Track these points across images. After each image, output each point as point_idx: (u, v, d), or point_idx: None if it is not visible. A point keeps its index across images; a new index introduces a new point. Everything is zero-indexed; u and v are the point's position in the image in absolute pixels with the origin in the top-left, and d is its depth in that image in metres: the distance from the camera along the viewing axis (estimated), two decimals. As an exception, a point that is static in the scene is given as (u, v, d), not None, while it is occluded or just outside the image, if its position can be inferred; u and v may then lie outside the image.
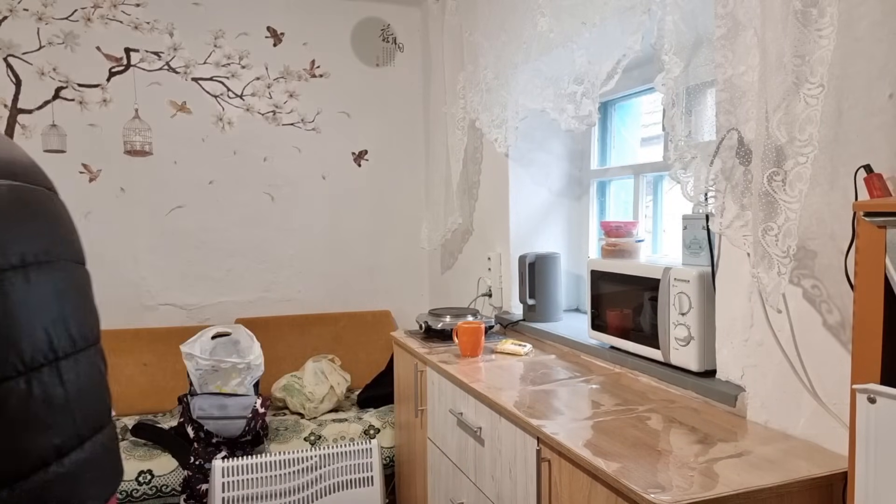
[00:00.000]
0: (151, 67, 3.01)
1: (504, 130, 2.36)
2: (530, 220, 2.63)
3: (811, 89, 1.12)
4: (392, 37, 3.41)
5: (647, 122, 2.41)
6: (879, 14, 1.11)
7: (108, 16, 2.94)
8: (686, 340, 1.58)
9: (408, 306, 3.53)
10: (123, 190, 3.01)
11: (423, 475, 2.27)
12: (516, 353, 2.09)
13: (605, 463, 1.18)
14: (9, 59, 2.82)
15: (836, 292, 1.22)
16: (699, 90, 1.44)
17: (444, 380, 1.99)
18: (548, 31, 1.97)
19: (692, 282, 1.56)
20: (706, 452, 1.23)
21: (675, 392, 1.63)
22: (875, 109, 1.12)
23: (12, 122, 2.84)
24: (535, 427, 1.41)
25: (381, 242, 3.47)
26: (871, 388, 0.88)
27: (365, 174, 3.41)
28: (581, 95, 1.84)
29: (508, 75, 2.29)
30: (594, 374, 1.83)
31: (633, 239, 1.95)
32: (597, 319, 1.96)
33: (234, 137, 3.15)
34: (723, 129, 1.36)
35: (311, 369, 2.88)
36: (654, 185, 2.26)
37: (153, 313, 3.08)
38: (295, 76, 3.23)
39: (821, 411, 1.27)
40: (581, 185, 2.66)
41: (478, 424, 1.74)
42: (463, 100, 2.69)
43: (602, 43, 1.73)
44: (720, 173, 1.39)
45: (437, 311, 2.44)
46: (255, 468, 2.40)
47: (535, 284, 2.39)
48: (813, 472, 1.15)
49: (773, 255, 1.19)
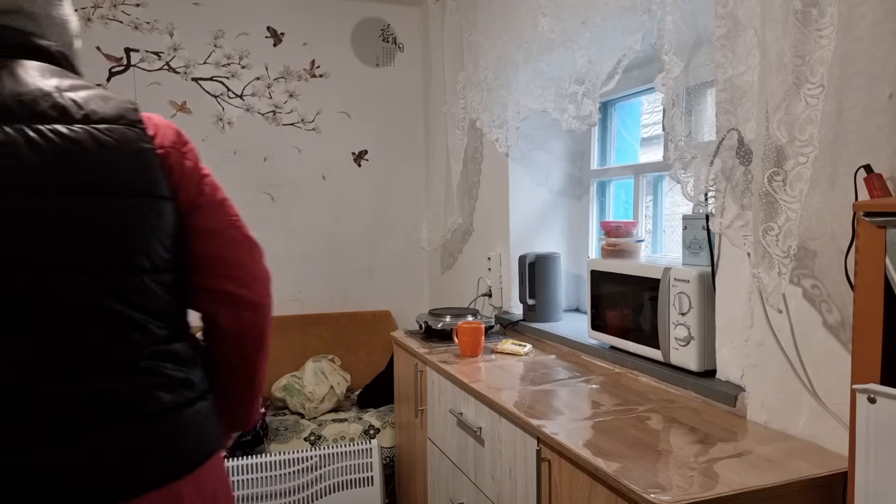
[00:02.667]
0: (151, 67, 3.01)
1: (505, 130, 2.36)
2: (530, 220, 2.63)
3: (811, 89, 1.12)
4: (392, 37, 3.42)
5: (647, 122, 2.41)
6: (879, 14, 1.11)
7: (108, 16, 2.94)
8: (686, 340, 1.58)
9: (408, 306, 3.53)
10: (123, 190, 3.01)
11: (423, 475, 2.27)
12: (516, 353, 2.09)
13: (605, 463, 1.18)
14: (9, 59, 2.82)
15: (836, 292, 1.22)
16: (699, 90, 1.44)
17: (444, 380, 1.99)
18: (548, 31, 1.97)
19: (692, 282, 1.57)
20: (706, 452, 1.23)
21: (675, 392, 1.63)
22: (875, 109, 1.12)
23: (12, 122, 2.84)
24: (535, 427, 1.41)
25: (381, 242, 3.47)
26: (871, 388, 0.89)
27: (365, 174, 3.41)
28: (582, 95, 1.84)
29: (509, 75, 2.29)
30: (594, 374, 1.83)
31: (633, 239, 1.96)
32: (597, 319, 1.96)
33: (234, 137, 3.15)
34: (723, 129, 1.36)
35: (311, 369, 2.88)
36: (654, 185, 2.26)
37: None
38: (295, 76, 3.23)
39: (821, 411, 1.27)
40: (581, 185, 2.66)
41: (478, 424, 1.74)
42: (463, 100, 2.69)
43: (603, 43, 1.73)
44: (720, 173, 1.39)
45: (437, 311, 2.44)
46: (255, 468, 2.40)
47: (535, 284, 2.39)
48: (813, 472, 1.15)
49: (774, 255, 1.19)
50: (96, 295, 0.88)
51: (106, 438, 0.87)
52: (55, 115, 0.89)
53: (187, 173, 1.00)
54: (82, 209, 0.88)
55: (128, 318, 0.91)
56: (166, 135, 0.99)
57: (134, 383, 0.90)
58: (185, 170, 1.00)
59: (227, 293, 1.03)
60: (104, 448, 0.87)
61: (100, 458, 0.86)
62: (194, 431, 0.97)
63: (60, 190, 0.87)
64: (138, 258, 0.92)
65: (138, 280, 0.93)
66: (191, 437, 0.96)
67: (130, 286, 0.92)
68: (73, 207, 0.87)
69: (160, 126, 0.99)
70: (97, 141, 0.90)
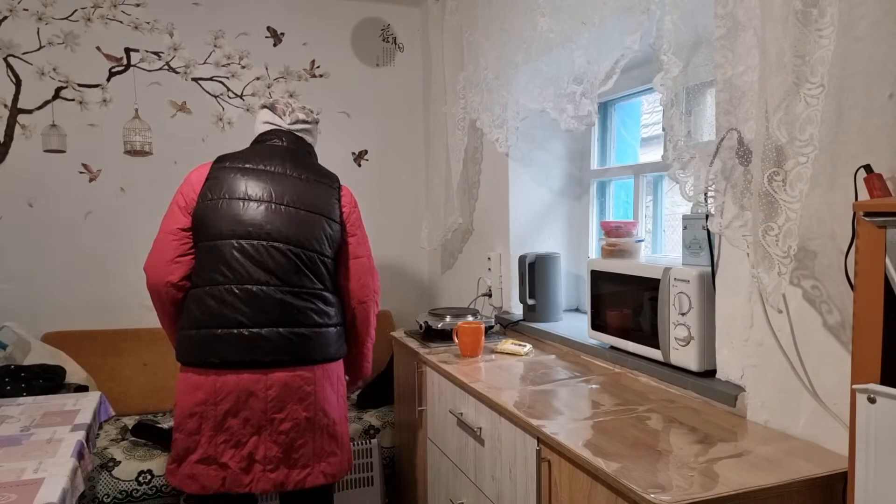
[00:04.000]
0: (151, 67, 3.01)
1: (504, 130, 2.36)
2: (530, 220, 2.63)
3: (811, 89, 1.12)
4: (392, 37, 3.42)
5: (646, 122, 2.41)
6: (879, 14, 1.11)
7: (108, 16, 2.94)
8: (686, 340, 1.58)
9: (408, 306, 3.53)
10: (123, 190, 3.01)
11: (423, 475, 2.27)
12: (516, 353, 2.09)
13: (605, 463, 1.18)
14: (9, 59, 2.82)
15: (836, 292, 1.22)
16: (699, 90, 1.44)
17: (444, 380, 1.99)
18: (548, 30, 1.97)
19: (692, 282, 1.56)
20: (706, 452, 1.23)
21: (675, 392, 1.63)
22: (875, 109, 1.12)
23: (12, 122, 2.84)
24: (535, 427, 1.41)
25: (381, 242, 3.47)
26: (871, 388, 0.89)
27: (365, 174, 3.41)
28: (580, 95, 1.84)
29: (509, 75, 2.29)
30: (594, 374, 1.83)
31: (633, 239, 1.95)
32: (597, 319, 1.96)
33: (235, 137, 3.15)
34: (722, 129, 1.36)
35: (311, 369, 2.87)
36: (654, 185, 2.26)
37: (153, 313, 3.06)
38: (295, 76, 3.23)
39: (821, 411, 1.27)
40: (581, 185, 2.66)
41: (478, 424, 1.74)
42: (463, 100, 2.69)
43: (601, 43, 1.73)
44: (720, 173, 1.39)
45: (437, 311, 2.44)
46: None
47: (535, 284, 2.39)
48: (813, 472, 1.15)
49: (774, 255, 1.19)
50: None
51: (290, 332, 1.84)
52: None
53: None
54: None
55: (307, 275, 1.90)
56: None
57: (302, 306, 1.87)
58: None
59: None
60: (288, 336, 1.84)
61: (286, 339, 1.83)
62: (326, 342, 1.90)
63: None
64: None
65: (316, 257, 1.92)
66: (325, 345, 1.90)
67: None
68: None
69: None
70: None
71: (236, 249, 1.83)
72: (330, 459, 1.92)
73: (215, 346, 1.80)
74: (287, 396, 1.83)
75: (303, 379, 1.85)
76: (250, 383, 1.81)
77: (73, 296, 2.96)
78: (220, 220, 1.85)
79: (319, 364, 1.89)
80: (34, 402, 2.07)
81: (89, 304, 2.96)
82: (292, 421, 1.84)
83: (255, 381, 1.81)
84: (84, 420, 1.87)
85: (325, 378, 1.91)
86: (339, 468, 1.94)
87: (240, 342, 1.80)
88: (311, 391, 1.86)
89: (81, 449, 1.68)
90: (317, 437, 1.89)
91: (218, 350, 1.80)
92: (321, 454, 1.90)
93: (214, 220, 1.86)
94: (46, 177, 2.90)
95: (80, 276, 2.97)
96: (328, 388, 1.92)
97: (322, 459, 1.90)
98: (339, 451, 1.95)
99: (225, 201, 1.87)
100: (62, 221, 2.94)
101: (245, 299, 1.81)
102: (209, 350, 1.80)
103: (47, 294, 2.93)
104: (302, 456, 1.86)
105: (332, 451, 1.93)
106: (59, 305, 2.94)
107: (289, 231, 1.86)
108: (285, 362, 1.83)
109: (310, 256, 1.88)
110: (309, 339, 1.86)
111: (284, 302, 1.84)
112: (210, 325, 1.82)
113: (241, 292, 1.82)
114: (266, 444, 1.84)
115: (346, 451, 1.98)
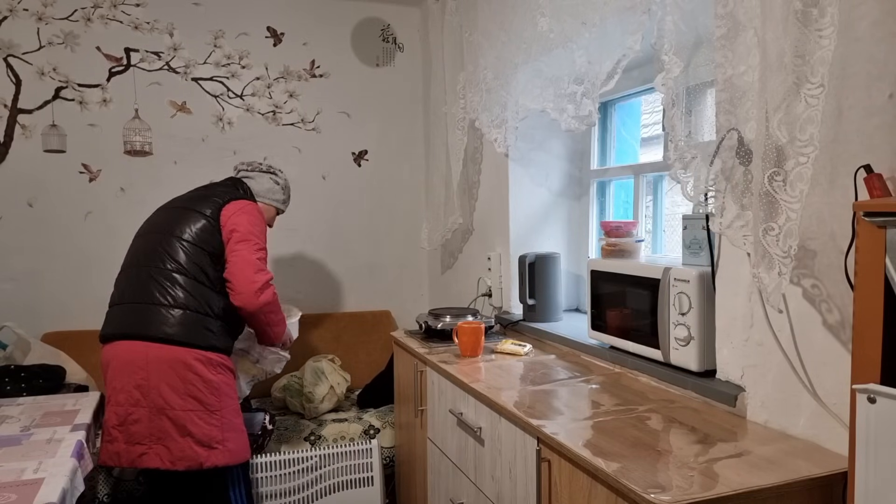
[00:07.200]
0: (151, 67, 3.01)
1: (504, 130, 2.36)
2: (530, 220, 2.63)
3: (812, 89, 1.12)
4: (392, 37, 3.42)
5: (647, 122, 2.41)
6: (879, 14, 1.11)
7: (108, 16, 2.94)
8: (686, 340, 1.58)
9: (408, 306, 3.53)
10: (123, 190, 3.01)
11: (423, 475, 2.27)
12: (516, 353, 2.09)
13: (605, 463, 1.18)
14: (9, 59, 2.82)
15: (836, 292, 1.22)
16: (699, 90, 1.44)
17: (444, 380, 1.99)
18: (548, 31, 1.97)
19: (692, 282, 1.56)
20: (706, 452, 1.23)
21: (674, 392, 1.63)
22: (875, 109, 1.12)
23: (12, 122, 2.84)
24: (535, 427, 1.41)
25: (381, 242, 3.47)
26: (871, 388, 0.88)
27: (365, 174, 3.41)
28: (581, 95, 1.84)
29: (508, 75, 2.29)
30: (594, 374, 1.83)
31: (633, 239, 1.95)
32: (597, 319, 1.96)
33: (234, 137, 3.15)
34: (723, 129, 1.36)
35: (310, 369, 2.88)
36: (654, 185, 2.26)
37: (153, 313, 3.07)
38: (295, 76, 3.23)
39: (821, 411, 1.27)
40: (581, 185, 2.66)
41: (478, 424, 1.74)
42: (463, 100, 2.69)
43: (602, 43, 1.73)
44: (720, 173, 1.39)
45: (437, 311, 2.44)
46: (256, 468, 2.40)
47: (535, 284, 2.39)
48: (813, 472, 1.15)
49: (774, 255, 1.19)
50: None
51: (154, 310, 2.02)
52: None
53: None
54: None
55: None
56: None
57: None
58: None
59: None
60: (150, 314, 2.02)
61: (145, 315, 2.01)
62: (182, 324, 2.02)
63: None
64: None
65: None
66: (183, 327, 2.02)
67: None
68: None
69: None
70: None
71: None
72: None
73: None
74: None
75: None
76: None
77: (73, 296, 2.96)
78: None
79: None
80: (34, 402, 2.07)
81: (89, 305, 2.96)
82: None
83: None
84: (84, 420, 1.87)
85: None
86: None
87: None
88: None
89: (81, 449, 1.68)
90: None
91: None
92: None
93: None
94: (46, 177, 2.90)
95: (80, 276, 2.97)
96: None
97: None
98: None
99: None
100: (62, 221, 2.94)
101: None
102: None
103: (47, 294, 2.93)
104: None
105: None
106: (59, 305, 2.94)
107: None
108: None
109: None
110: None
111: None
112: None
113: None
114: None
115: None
